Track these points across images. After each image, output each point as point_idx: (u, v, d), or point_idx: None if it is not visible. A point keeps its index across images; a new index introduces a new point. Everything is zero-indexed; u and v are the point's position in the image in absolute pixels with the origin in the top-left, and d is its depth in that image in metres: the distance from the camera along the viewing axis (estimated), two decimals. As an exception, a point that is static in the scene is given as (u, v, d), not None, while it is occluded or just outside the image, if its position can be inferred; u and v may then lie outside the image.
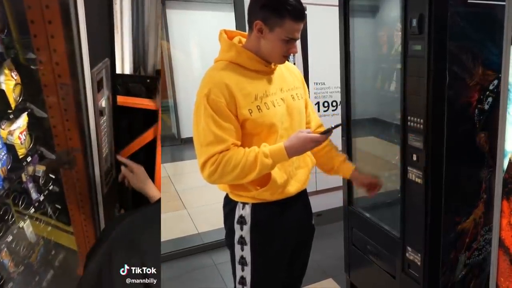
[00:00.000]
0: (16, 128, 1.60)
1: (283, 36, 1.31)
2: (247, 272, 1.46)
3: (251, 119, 1.34)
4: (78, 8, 1.39)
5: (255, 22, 1.32)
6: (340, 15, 2.02)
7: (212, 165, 1.29)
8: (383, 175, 2.23)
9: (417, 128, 1.61)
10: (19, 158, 1.62)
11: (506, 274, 1.26)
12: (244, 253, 1.45)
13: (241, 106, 1.32)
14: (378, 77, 2.17)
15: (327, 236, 3.05)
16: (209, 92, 1.29)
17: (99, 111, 1.69)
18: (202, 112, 1.30)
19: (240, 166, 1.29)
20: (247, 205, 1.43)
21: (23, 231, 1.76)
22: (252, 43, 1.37)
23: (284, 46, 1.34)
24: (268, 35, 1.32)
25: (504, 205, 1.22)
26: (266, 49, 1.35)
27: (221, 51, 1.41)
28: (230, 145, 1.30)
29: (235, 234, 1.45)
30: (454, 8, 1.49)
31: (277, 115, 1.38)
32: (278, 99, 1.40)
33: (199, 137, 1.32)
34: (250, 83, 1.35)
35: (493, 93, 1.63)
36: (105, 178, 1.83)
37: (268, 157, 1.31)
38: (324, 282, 2.53)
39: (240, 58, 1.36)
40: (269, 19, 1.30)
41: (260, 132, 1.37)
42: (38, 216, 1.84)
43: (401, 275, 1.84)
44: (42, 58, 1.48)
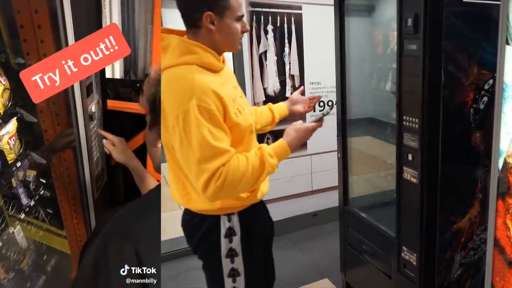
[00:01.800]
0: (5, 134, 1.58)
1: (234, 17, 1.24)
2: (240, 283, 1.40)
3: (238, 124, 1.25)
4: (65, 13, 1.37)
5: (205, 15, 1.20)
6: (336, 15, 2.02)
7: (217, 180, 1.17)
8: (378, 175, 2.24)
9: (413, 127, 1.60)
10: (8, 163, 1.59)
11: (502, 273, 1.26)
12: (235, 265, 1.38)
13: (229, 111, 1.22)
14: (373, 76, 2.17)
15: (323, 236, 3.06)
16: (198, 100, 1.14)
17: (89, 115, 1.68)
18: (193, 125, 1.14)
19: (249, 173, 1.21)
20: (233, 216, 1.35)
21: (14, 237, 1.73)
22: (204, 40, 1.24)
23: (238, 27, 1.26)
24: (221, 23, 1.22)
25: (499, 204, 1.22)
26: (223, 40, 1.25)
27: (179, 54, 1.23)
28: (232, 154, 1.20)
29: (221, 249, 1.36)
30: (449, 8, 1.49)
31: (249, 114, 1.34)
32: (239, 97, 1.34)
33: (194, 153, 1.16)
34: (222, 84, 1.24)
35: (489, 93, 1.63)
36: (96, 183, 1.82)
37: (273, 156, 1.26)
38: (319, 282, 2.52)
39: (207, 59, 1.24)
40: (215, 5, 1.21)
41: (243, 135, 1.30)
42: (30, 220, 1.80)
43: (396, 275, 1.84)
44: (32, 63, 1.47)
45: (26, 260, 1.82)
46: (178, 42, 1.24)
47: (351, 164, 2.17)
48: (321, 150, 3.04)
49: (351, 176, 2.19)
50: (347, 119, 2.12)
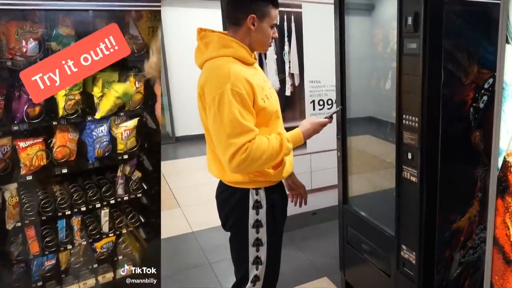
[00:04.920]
0: (123, 126, 2.00)
1: (271, 24, 1.49)
2: (263, 252, 1.57)
3: (265, 108, 1.45)
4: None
5: (249, 17, 1.44)
6: (336, 13, 2.01)
7: (243, 154, 1.36)
8: (378, 174, 2.23)
9: (412, 126, 1.60)
10: (116, 151, 1.99)
11: (501, 272, 1.26)
12: (260, 235, 1.55)
13: (257, 97, 1.42)
14: (373, 75, 2.16)
15: (322, 234, 3.06)
16: (232, 85, 1.36)
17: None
18: (226, 105, 1.35)
19: (268, 152, 1.41)
20: (260, 190, 1.53)
21: (99, 215, 2.04)
22: (241, 37, 1.47)
23: (271, 33, 1.51)
24: (260, 25, 1.46)
25: (498, 203, 1.22)
26: (257, 40, 1.49)
27: (217, 47, 1.46)
28: (256, 133, 1.40)
29: (249, 219, 1.54)
30: (449, 7, 1.49)
31: (276, 101, 1.55)
32: (268, 88, 1.54)
33: (225, 129, 1.36)
34: (253, 75, 1.46)
35: (488, 92, 1.63)
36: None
37: (290, 142, 1.48)
38: (319, 281, 2.53)
39: (241, 53, 1.46)
40: (258, 10, 1.45)
41: (269, 119, 1.50)
42: (119, 214, 2.10)
43: (396, 274, 1.84)
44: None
45: (101, 244, 2.07)
46: (218, 38, 1.47)
47: (350, 163, 2.17)
48: (320, 149, 3.04)
49: (351, 175, 2.19)
50: (346, 118, 2.12)
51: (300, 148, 2.93)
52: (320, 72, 2.97)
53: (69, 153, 1.91)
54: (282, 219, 1.65)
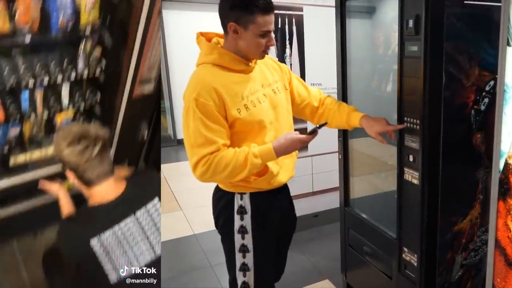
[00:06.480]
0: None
1: (258, 32, 1.37)
2: (249, 258, 1.54)
3: (241, 119, 1.40)
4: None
5: (229, 25, 1.38)
6: (337, 16, 2.02)
7: (203, 166, 1.36)
8: (379, 176, 2.24)
9: (414, 129, 1.61)
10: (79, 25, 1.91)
11: (503, 274, 1.26)
12: (245, 241, 1.52)
13: (229, 107, 1.38)
14: (374, 78, 2.17)
15: (324, 237, 3.06)
16: (197, 95, 1.35)
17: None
18: (191, 115, 1.36)
19: (231, 165, 1.36)
20: (245, 195, 1.50)
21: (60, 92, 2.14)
22: (230, 44, 1.43)
23: (261, 41, 1.39)
24: (243, 34, 1.38)
25: (500, 205, 1.22)
26: (245, 48, 1.41)
27: (202, 54, 1.47)
28: (220, 146, 1.37)
29: (234, 224, 1.52)
30: (450, 9, 1.49)
31: (263, 111, 1.46)
32: (261, 95, 1.48)
33: (189, 139, 1.38)
34: (235, 83, 1.42)
35: (489, 94, 1.63)
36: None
37: (258, 157, 1.38)
38: (320, 283, 2.52)
39: (223, 60, 1.43)
40: (240, 18, 1.36)
41: (250, 130, 1.44)
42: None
43: (397, 276, 1.84)
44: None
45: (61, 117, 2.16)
46: (203, 45, 1.47)
47: (352, 165, 2.17)
48: (322, 151, 3.04)
49: (352, 177, 2.19)
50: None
51: (301, 151, 2.93)
52: (322, 74, 2.97)
53: (32, 20, 1.77)
54: (271, 226, 1.57)
